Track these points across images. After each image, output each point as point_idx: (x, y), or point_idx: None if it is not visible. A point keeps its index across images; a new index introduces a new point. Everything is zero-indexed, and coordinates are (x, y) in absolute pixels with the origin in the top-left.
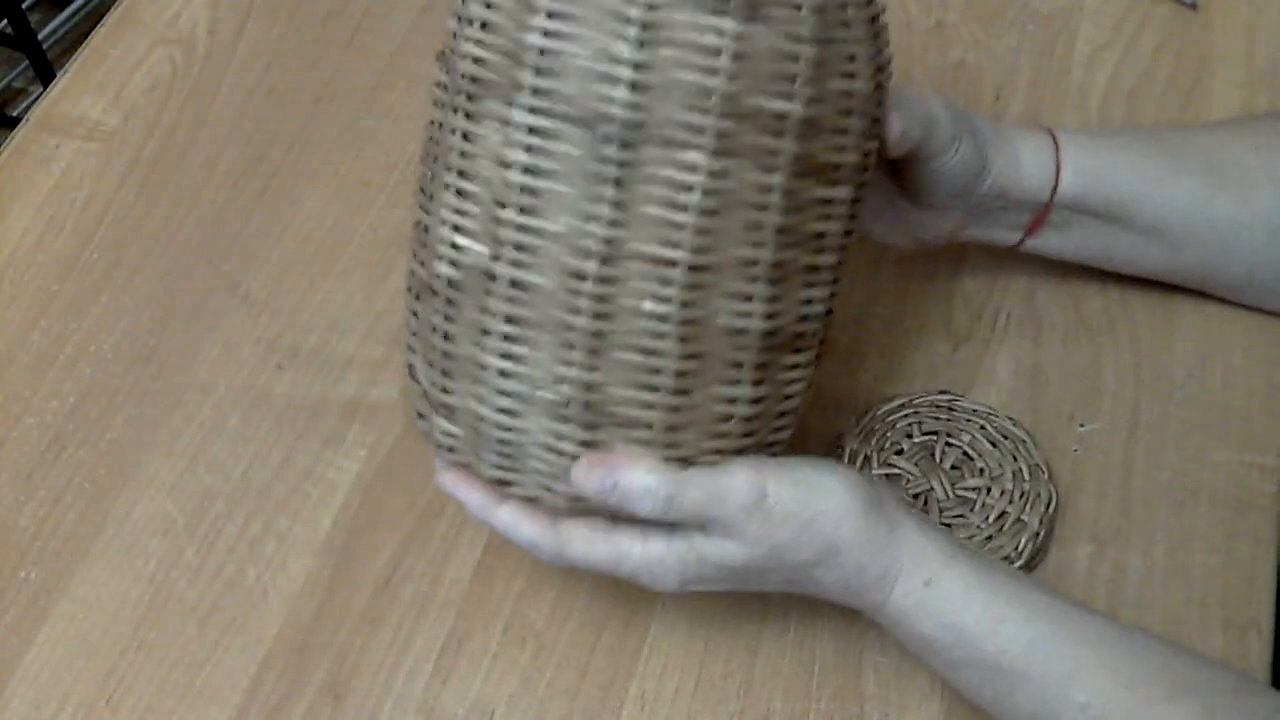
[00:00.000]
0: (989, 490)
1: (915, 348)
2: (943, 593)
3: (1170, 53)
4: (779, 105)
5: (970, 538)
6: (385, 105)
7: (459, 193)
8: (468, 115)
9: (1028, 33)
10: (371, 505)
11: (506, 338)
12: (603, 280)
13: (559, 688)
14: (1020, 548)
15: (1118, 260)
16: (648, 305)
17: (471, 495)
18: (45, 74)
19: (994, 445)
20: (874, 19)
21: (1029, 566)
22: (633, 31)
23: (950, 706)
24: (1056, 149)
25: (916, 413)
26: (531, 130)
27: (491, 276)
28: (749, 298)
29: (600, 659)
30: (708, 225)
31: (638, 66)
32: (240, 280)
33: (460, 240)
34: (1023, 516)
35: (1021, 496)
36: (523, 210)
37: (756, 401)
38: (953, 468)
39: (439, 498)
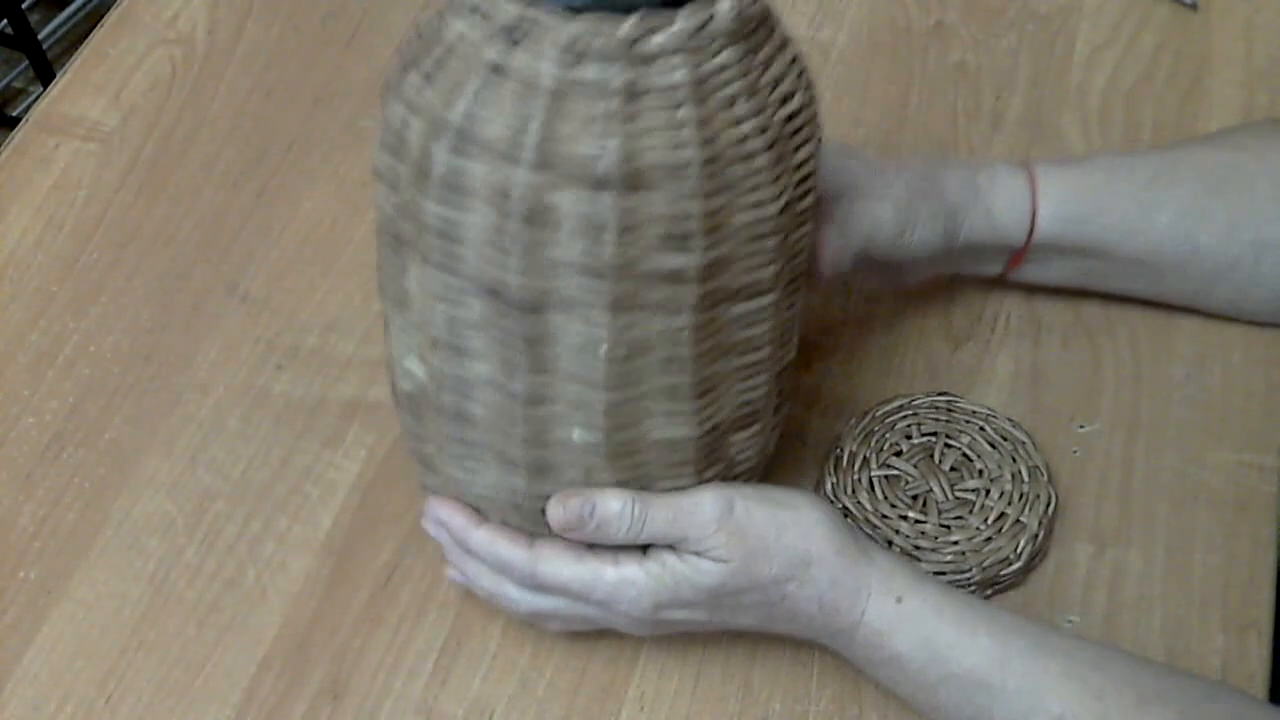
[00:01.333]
0: (988, 492)
1: (915, 349)
2: (914, 609)
3: (1169, 53)
4: (676, 262)
5: (969, 539)
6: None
7: (401, 320)
8: (396, 252)
9: (1027, 33)
10: (371, 505)
11: (457, 455)
12: (531, 418)
13: (558, 688)
14: (1019, 549)
15: (1103, 288)
16: (577, 435)
17: (455, 516)
18: (45, 74)
19: (993, 447)
20: (773, 144)
21: (1028, 568)
22: (519, 209)
23: None
24: (1033, 193)
25: (915, 414)
26: (445, 287)
27: (437, 402)
28: (679, 413)
29: (599, 659)
30: (621, 370)
31: (527, 247)
32: (239, 280)
33: (408, 364)
34: (1022, 518)
35: (1021, 498)
36: (452, 350)
37: (706, 479)
38: (952, 469)
39: None
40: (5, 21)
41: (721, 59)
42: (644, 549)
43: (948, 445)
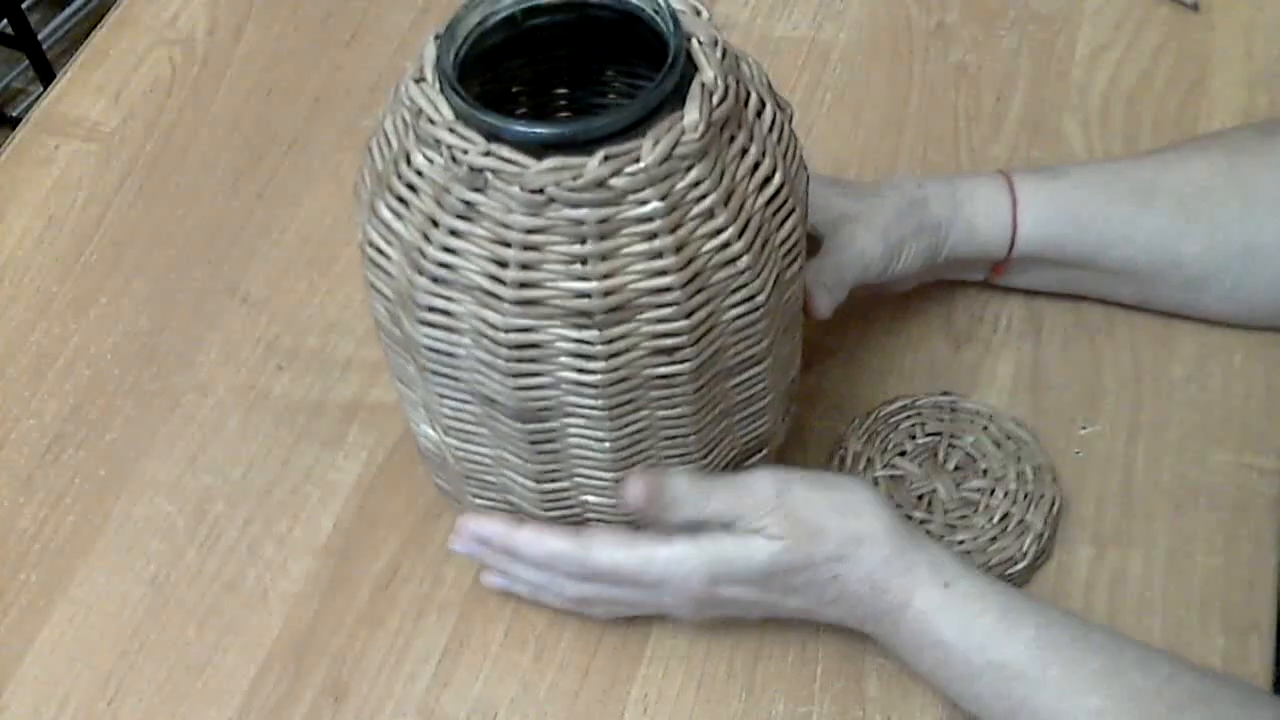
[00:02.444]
0: (993, 491)
1: (916, 350)
2: (962, 595)
3: (1170, 53)
4: (667, 369)
5: (975, 539)
6: (385, 105)
7: (410, 395)
8: (396, 346)
9: (1028, 33)
10: (371, 507)
11: (479, 497)
12: (544, 490)
13: (560, 690)
14: (1025, 548)
15: (1089, 294)
16: (591, 499)
17: (492, 526)
18: (45, 74)
19: (997, 446)
20: (756, 235)
21: (1033, 567)
22: (506, 342)
23: (953, 710)
24: (1014, 207)
25: (919, 414)
26: (445, 388)
27: (455, 465)
28: (687, 466)
29: (602, 661)
30: (625, 453)
31: (518, 373)
32: (239, 281)
33: (423, 427)
34: (1026, 517)
35: (1025, 497)
36: (460, 434)
37: None
38: (956, 469)
39: (439, 499)
40: (5, 21)
41: (694, 175)
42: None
43: (952, 445)
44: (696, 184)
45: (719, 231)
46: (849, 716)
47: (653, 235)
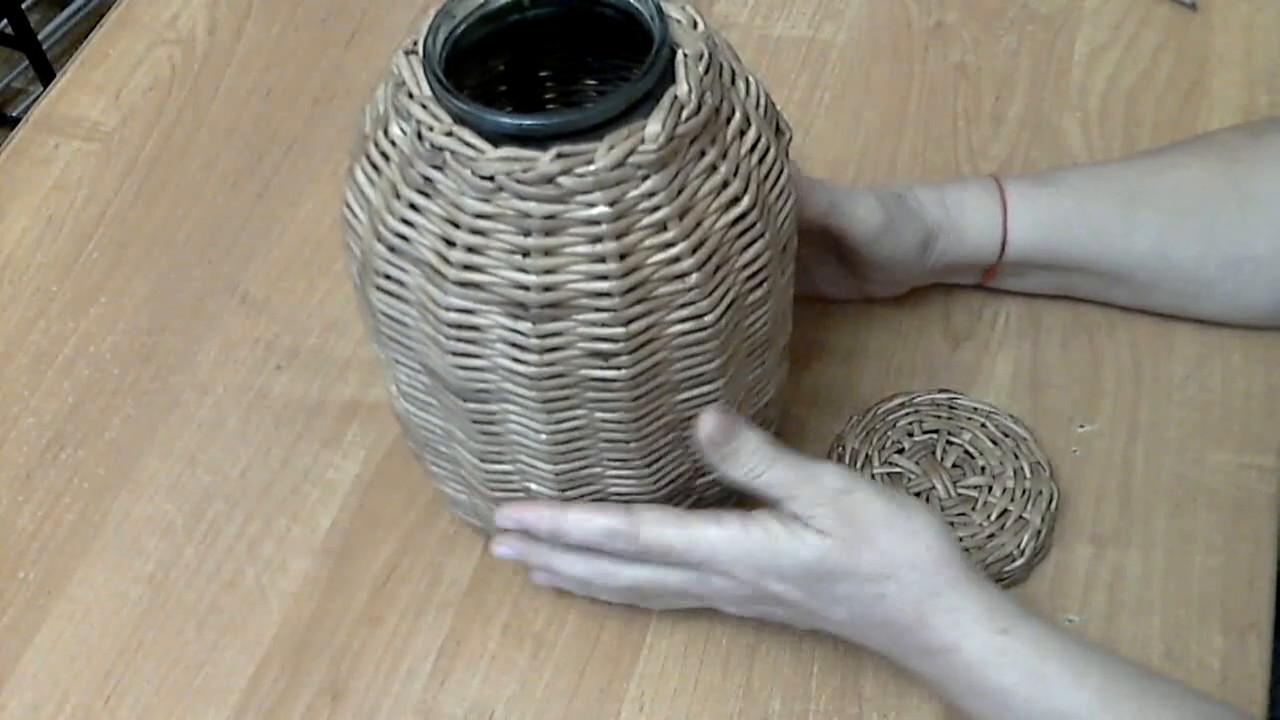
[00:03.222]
0: (990, 488)
1: (914, 348)
2: (1022, 642)
3: (1170, 53)
4: (602, 373)
5: (972, 536)
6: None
7: (380, 357)
8: (363, 307)
9: (1027, 33)
10: (370, 506)
11: (435, 465)
12: (490, 471)
13: (558, 688)
14: (1022, 545)
15: (1086, 297)
16: (533, 486)
17: (537, 511)
18: (45, 74)
19: (995, 443)
20: (711, 255)
21: (1030, 564)
22: (447, 320)
23: (950, 710)
24: (1004, 214)
25: (917, 411)
26: (399, 355)
27: (413, 433)
28: (631, 476)
29: (599, 659)
30: (565, 448)
31: (458, 352)
32: (239, 280)
33: (391, 388)
34: (1024, 514)
35: (1023, 494)
36: (414, 403)
37: None
38: (954, 466)
39: (438, 498)
40: (5, 21)
41: (648, 186)
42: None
43: (949, 442)
44: (650, 194)
45: (669, 245)
46: (845, 714)
47: (597, 239)
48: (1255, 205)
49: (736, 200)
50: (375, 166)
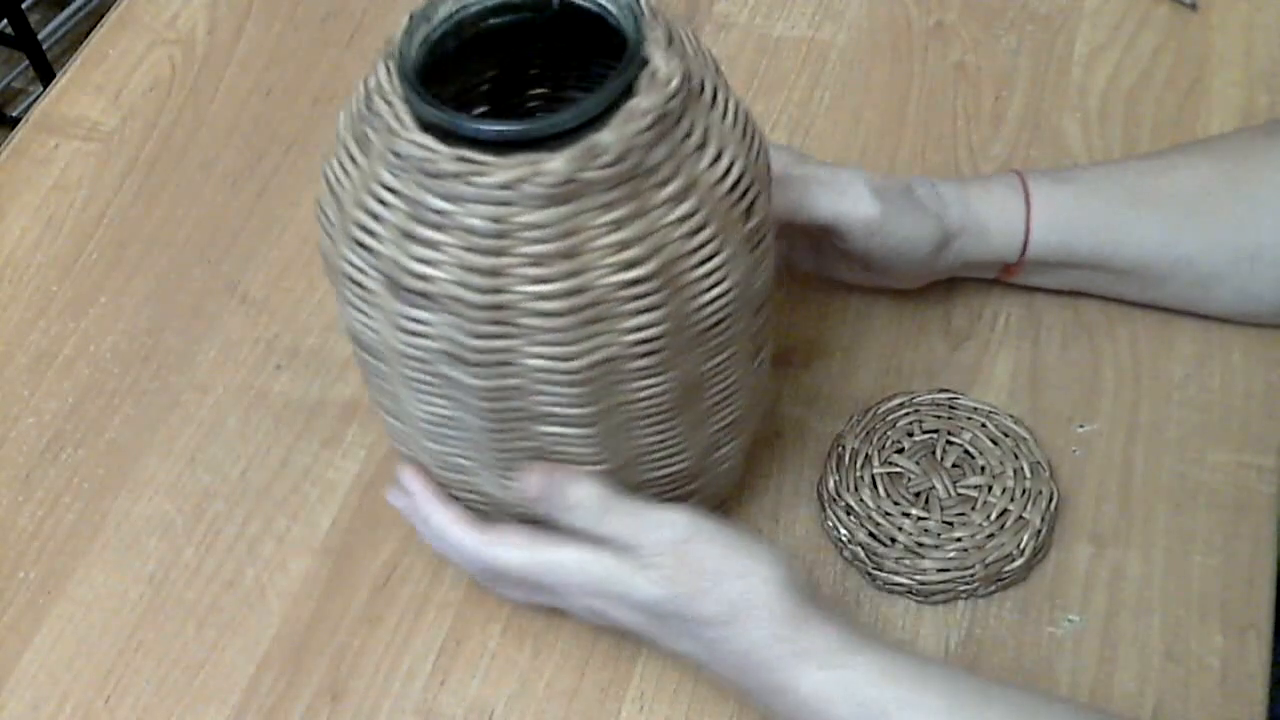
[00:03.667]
0: (990, 488)
1: (914, 348)
2: (861, 673)
3: (1169, 53)
4: (554, 390)
5: (972, 536)
6: None
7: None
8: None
9: (1027, 33)
10: (370, 505)
11: (392, 432)
12: (435, 452)
13: (558, 688)
14: (1022, 545)
15: (1097, 293)
16: (475, 473)
17: (421, 489)
18: (45, 74)
19: (995, 443)
20: (658, 271)
21: (1030, 564)
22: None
23: None
24: (1028, 213)
25: (917, 411)
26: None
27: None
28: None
29: (599, 659)
30: (502, 436)
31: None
32: (239, 280)
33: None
34: (1024, 514)
35: (1023, 494)
36: (361, 363)
37: None
38: (954, 466)
39: None
40: (5, 21)
41: (608, 197)
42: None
43: (949, 442)
44: (607, 207)
45: (623, 248)
46: None
47: (539, 261)
48: (1264, 201)
49: (690, 215)
50: (359, 142)
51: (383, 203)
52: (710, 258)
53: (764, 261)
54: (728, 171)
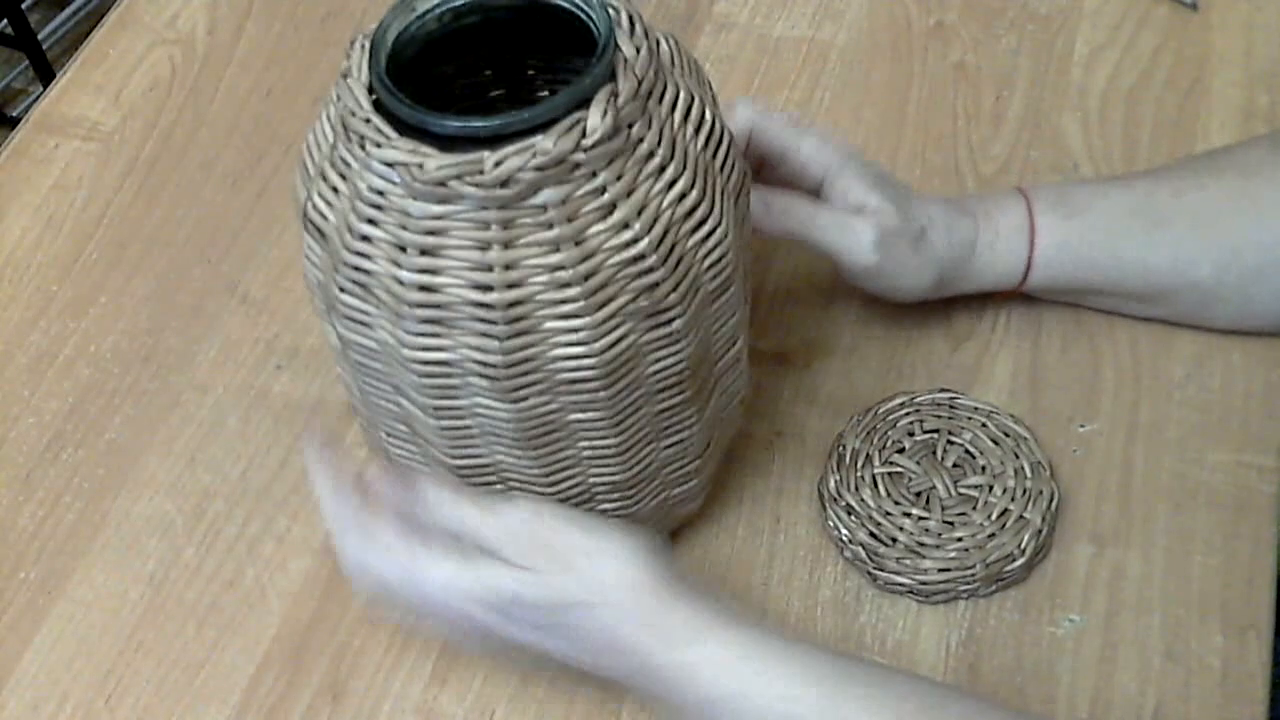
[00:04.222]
0: (991, 488)
1: (915, 348)
2: (718, 652)
3: (1169, 53)
4: (493, 400)
5: (973, 535)
6: None
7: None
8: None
9: (1027, 33)
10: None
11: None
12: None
13: (558, 688)
14: (1023, 545)
15: (1095, 309)
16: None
17: (326, 474)
18: (45, 74)
19: (995, 443)
20: (592, 282)
21: (1031, 564)
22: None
23: None
24: (1031, 249)
25: (918, 411)
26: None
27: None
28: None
29: None
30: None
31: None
32: (239, 280)
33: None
34: (1025, 514)
35: (1024, 494)
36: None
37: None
38: (954, 466)
39: None
40: (5, 21)
41: (542, 197)
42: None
43: (950, 442)
44: (543, 209)
45: (553, 248)
46: None
47: (486, 245)
48: (1270, 220)
49: (626, 224)
50: (328, 202)
51: (373, 223)
52: (704, 220)
53: (746, 213)
54: (701, 122)
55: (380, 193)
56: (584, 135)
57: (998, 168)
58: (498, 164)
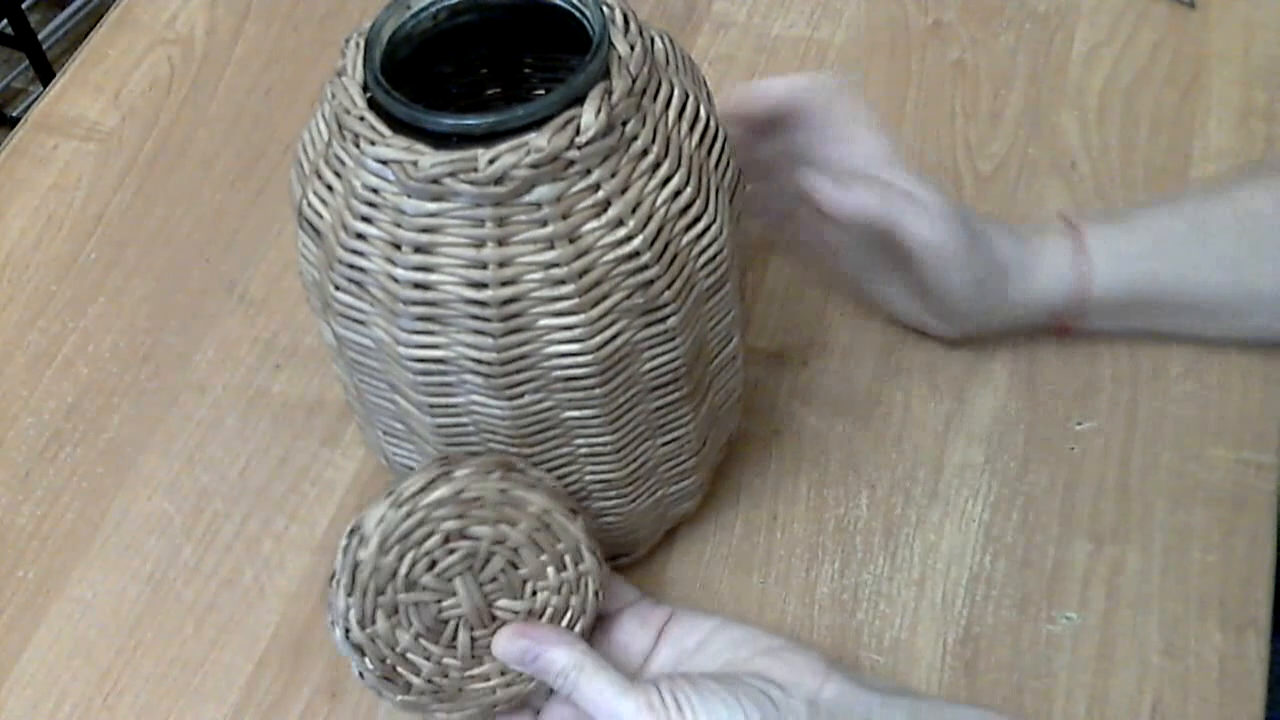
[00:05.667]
0: (530, 611)
1: (913, 346)
2: None
3: (1168, 50)
4: (487, 397)
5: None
6: None
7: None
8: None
9: (1025, 31)
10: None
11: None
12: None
13: None
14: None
15: (1171, 334)
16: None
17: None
18: (45, 74)
19: (537, 547)
20: (584, 280)
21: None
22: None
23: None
24: (1087, 269)
25: (461, 518)
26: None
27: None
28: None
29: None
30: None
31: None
32: (238, 280)
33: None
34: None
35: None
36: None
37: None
38: (493, 580)
39: None
40: (5, 21)
41: (536, 194)
42: None
43: (493, 550)
44: (538, 206)
45: (547, 245)
46: None
47: (481, 243)
48: None
49: (618, 224)
50: (322, 200)
51: (368, 220)
52: (699, 218)
53: (741, 210)
54: (695, 119)
55: (375, 190)
56: (578, 133)
57: (996, 166)
58: (491, 161)
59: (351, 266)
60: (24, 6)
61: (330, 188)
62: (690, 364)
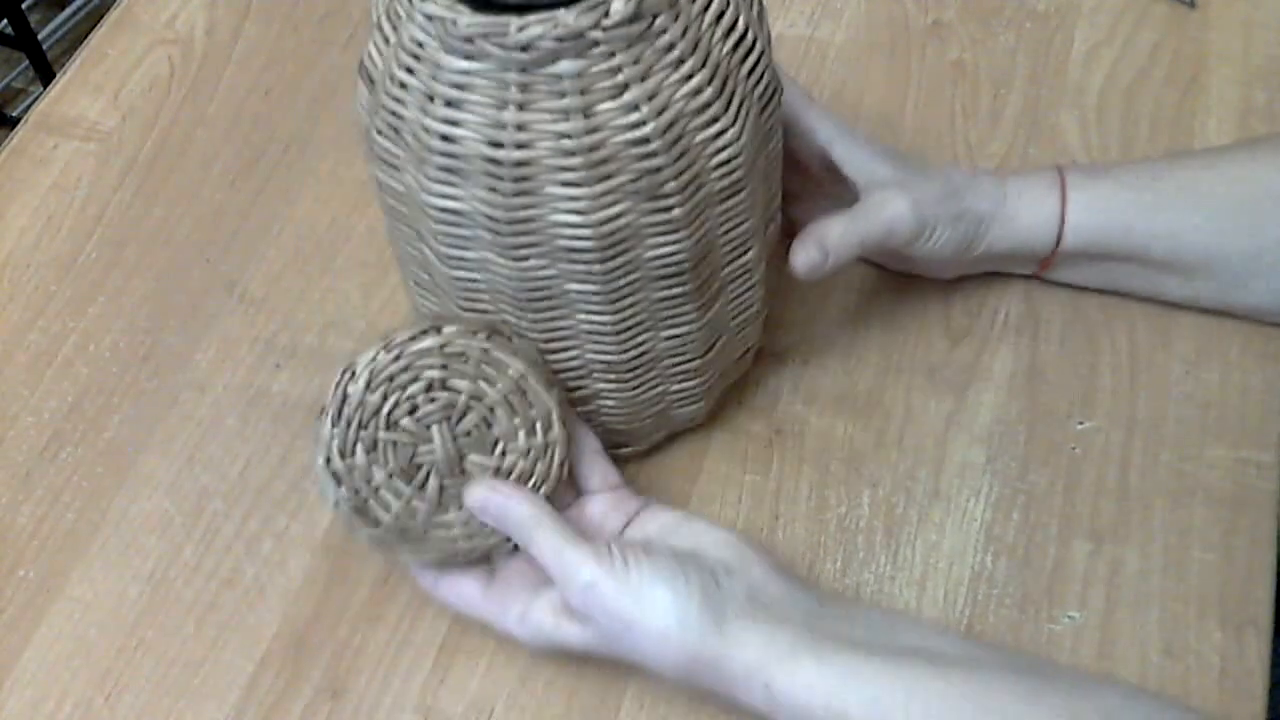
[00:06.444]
0: (499, 469)
1: (913, 345)
2: (787, 692)
3: (1167, 50)
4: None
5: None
6: None
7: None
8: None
9: (1025, 30)
10: None
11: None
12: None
13: (557, 686)
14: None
15: (1135, 292)
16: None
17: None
18: (45, 74)
19: (511, 409)
20: (595, 154)
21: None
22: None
23: None
24: (1063, 205)
25: (445, 367)
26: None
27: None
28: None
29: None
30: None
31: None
32: (237, 279)
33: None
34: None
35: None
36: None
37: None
38: (467, 434)
39: None
40: (5, 21)
41: (559, 68)
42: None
43: (470, 405)
44: (557, 78)
45: (563, 117)
46: None
47: (503, 104)
48: None
49: (640, 136)
50: (379, 50)
51: (410, 71)
52: (716, 118)
53: (774, 125)
54: (732, 28)
55: (420, 44)
56: (606, 15)
57: (995, 165)
58: (521, 29)
59: (392, 114)
60: (24, 6)
61: (386, 40)
62: (696, 262)
